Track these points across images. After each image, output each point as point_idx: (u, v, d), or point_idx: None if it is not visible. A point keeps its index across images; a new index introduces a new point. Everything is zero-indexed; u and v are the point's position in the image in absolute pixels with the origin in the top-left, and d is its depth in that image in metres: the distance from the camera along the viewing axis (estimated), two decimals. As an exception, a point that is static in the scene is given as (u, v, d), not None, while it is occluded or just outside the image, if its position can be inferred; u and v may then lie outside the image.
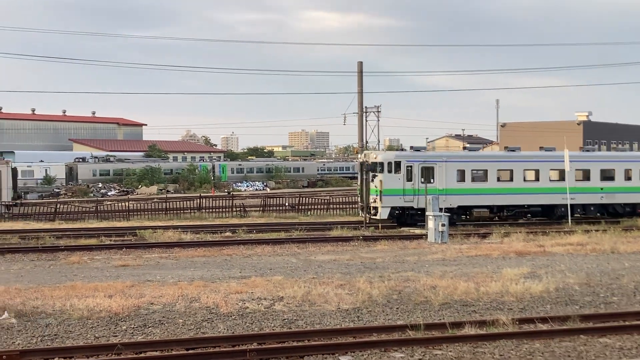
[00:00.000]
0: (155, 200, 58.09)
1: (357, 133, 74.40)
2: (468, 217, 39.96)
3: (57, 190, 74.30)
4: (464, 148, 44.61)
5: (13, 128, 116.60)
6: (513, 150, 42.12)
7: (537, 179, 40.55)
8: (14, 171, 54.38)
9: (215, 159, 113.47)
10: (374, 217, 38.54)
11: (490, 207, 39.76)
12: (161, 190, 77.96)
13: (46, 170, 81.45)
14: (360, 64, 71.43)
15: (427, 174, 38.77)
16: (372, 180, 38.81)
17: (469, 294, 18.78)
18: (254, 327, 15.46)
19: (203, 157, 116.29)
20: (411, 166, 38.50)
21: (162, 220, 44.40)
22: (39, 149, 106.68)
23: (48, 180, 79.59)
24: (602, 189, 41.45)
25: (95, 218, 45.93)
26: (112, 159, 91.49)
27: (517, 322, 15.35)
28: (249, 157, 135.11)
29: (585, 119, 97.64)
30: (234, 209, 48.39)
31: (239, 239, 33.61)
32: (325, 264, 25.57)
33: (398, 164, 38.50)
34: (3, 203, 48.72)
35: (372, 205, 38.63)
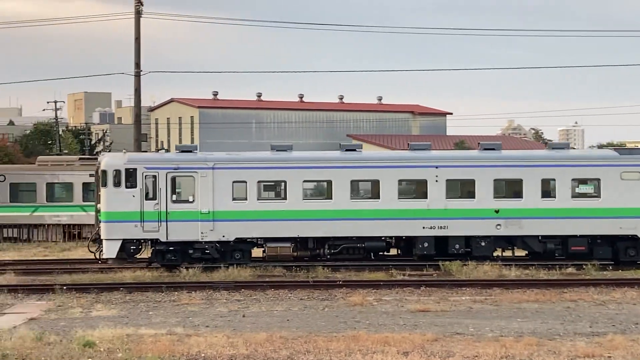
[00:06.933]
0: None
1: None
2: (262, 256, 37.26)
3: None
4: None
5: (275, 121, 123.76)
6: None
7: (376, 195, 37.00)
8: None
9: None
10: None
11: (294, 240, 36.49)
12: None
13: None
14: None
15: (183, 187, 37.03)
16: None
17: None
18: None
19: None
20: (155, 176, 36.52)
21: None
22: (309, 148, 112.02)
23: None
24: (497, 211, 36.37)
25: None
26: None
27: None
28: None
29: None
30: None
31: (587, 278, 33.31)
32: None
33: (132, 173, 36.53)
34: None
35: (101, 237, 37.03)
